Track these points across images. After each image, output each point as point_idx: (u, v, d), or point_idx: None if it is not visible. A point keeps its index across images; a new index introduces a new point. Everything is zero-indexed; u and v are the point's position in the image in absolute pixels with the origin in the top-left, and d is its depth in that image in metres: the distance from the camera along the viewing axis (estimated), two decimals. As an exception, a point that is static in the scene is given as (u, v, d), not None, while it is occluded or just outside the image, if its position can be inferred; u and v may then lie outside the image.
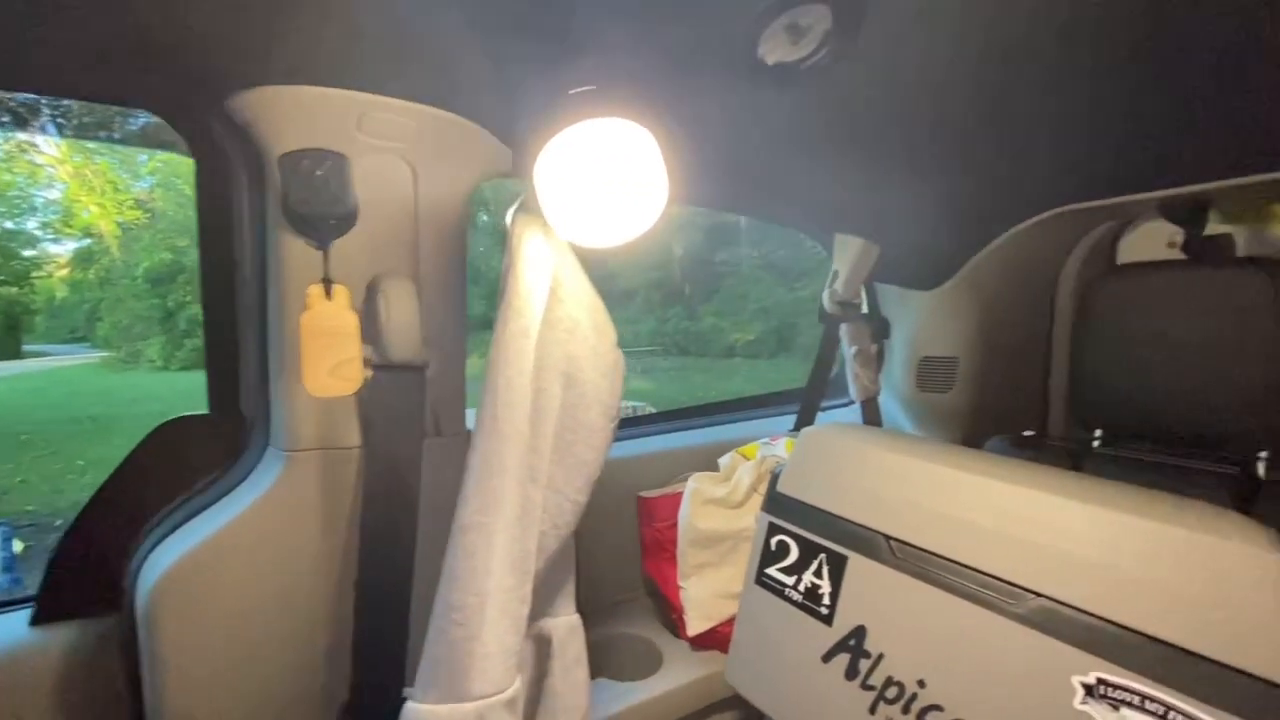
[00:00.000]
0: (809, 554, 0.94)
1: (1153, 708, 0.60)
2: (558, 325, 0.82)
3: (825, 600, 0.90)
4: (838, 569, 0.89)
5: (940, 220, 1.34)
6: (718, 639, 1.27)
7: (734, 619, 1.06)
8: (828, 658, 0.87)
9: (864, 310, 1.67)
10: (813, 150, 1.06)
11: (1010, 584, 0.72)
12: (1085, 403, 1.06)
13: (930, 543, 0.80)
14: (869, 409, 1.53)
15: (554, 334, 0.81)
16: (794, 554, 0.97)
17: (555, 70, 0.76)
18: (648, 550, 1.43)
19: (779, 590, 0.97)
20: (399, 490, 0.92)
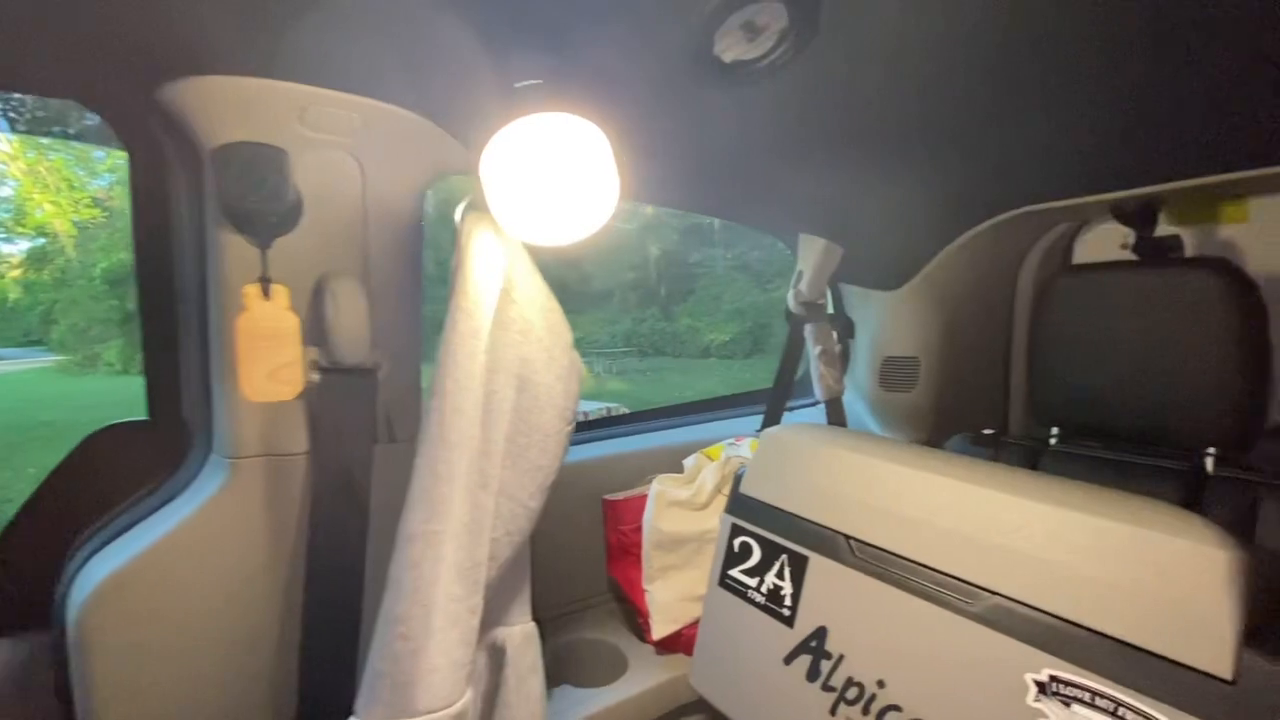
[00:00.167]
0: (771, 555, 0.93)
1: (1102, 704, 0.61)
2: (510, 326, 0.80)
3: (787, 602, 0.89)
4: (799, 570, 0.89)
5: (901, 221, 1.35)
6: (683, 642, 1.26)
7: (699, 622, 1.05)
8: (789, 659, 0.87)
9: (830, 310, 1.67)
10: (774, 151, 1.06)
11: (966, 583, 0.72)
12: (1042, 401, 1.08)
13: (889, 542, 0.80)
14: (833, 409, 1.54)
15: (506, 335, 0.79)
16: (756, 555, 0.96)
17: (506, 65, 0.74)
18: (613, 554, 1.41)
19: (742, 592, 0.96)
20: (349, 498, 0.90)
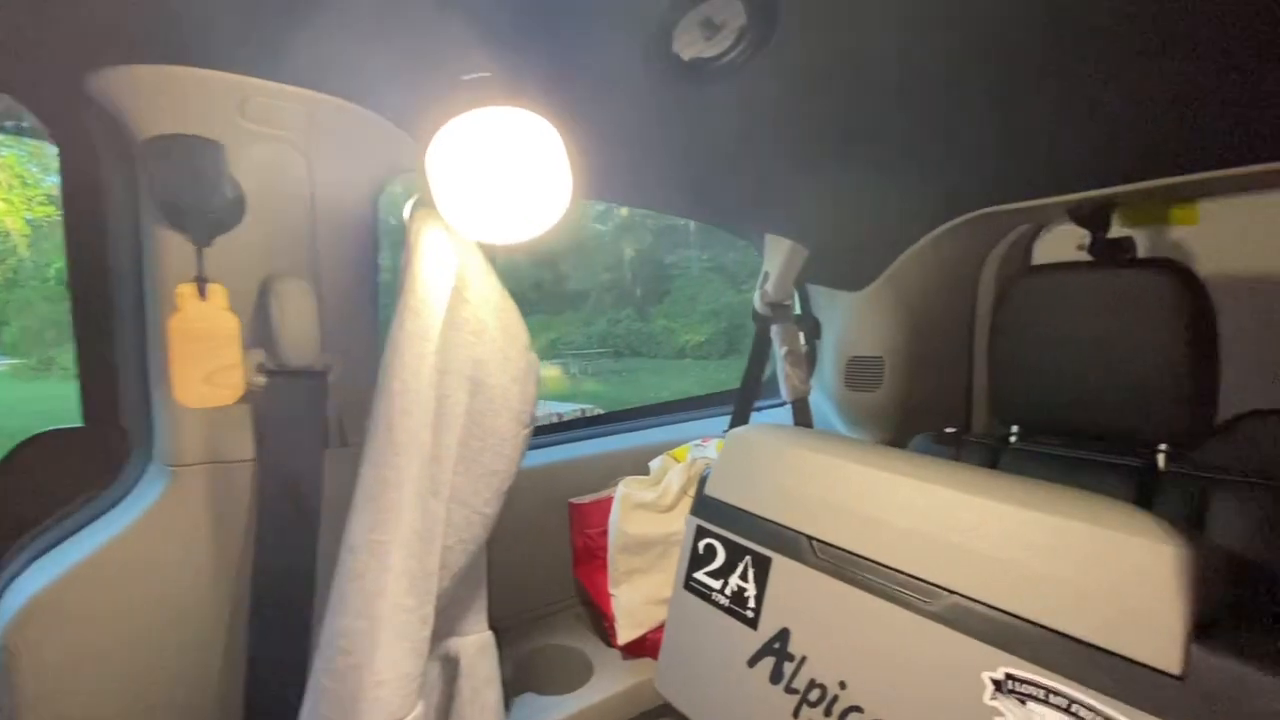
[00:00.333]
0: (735, 557, 0.92)
1: (1057, 701, 0.61)
2: (463, 327, 0.77)
3: (751, 604, 0.88)
4: (762, 571, 0.88)
5: (864, 222, 1.35)
6: (649, 647, 1.24)
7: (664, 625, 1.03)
8: (753, 662, 0.86)
9: (797, 311, 1.68)
10: (736, 150, 1.05)
11: (925, 582, 0.72)
12: (1002, 399, 1.09)
13: (850, 542, 0.79)
14: (799, 409, 1.54)
15: (459, 336, 0.77)
16: (721, 557, 0.95)
17: (457, 58, 0.72)
18: (579, 558, 1.39)
19: (706, 595, 0.95)
20: (297, 506, 0.86)
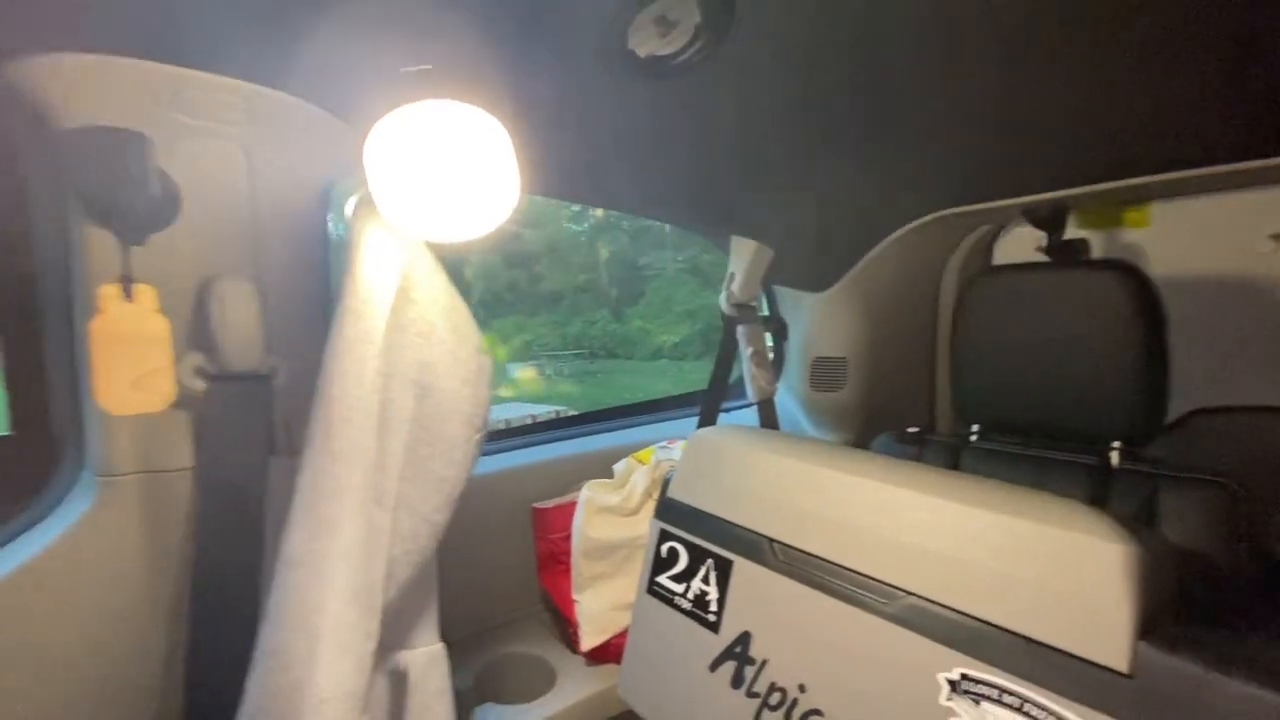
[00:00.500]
0: (697, 560, 0.91)
1: (1010, 700, 0.60)
2: (409, 329, 0.75)
3: (713, 607, 0.87)
4: (724, 574, 0.87)
5: (826, 224, 1.36)
6: (613, 652, 1.23)
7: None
8: (714, 666, 0.85)
9: (764, 312, 1.68)
10: (697, 151, 1.04)
11: (882, 583, 0.71)
12: (962, 399, 1.09)
13: (809, 544, 0.79)
14: (765, 410, 1.54)
15: (404, 339, 0.74)
16: (683, 561, 0.94)
17: (406, 51, 0.70)
18: (543, 563, 1.37)
19: (669, 599, 0.94)
20: (239, 516, 0.83)
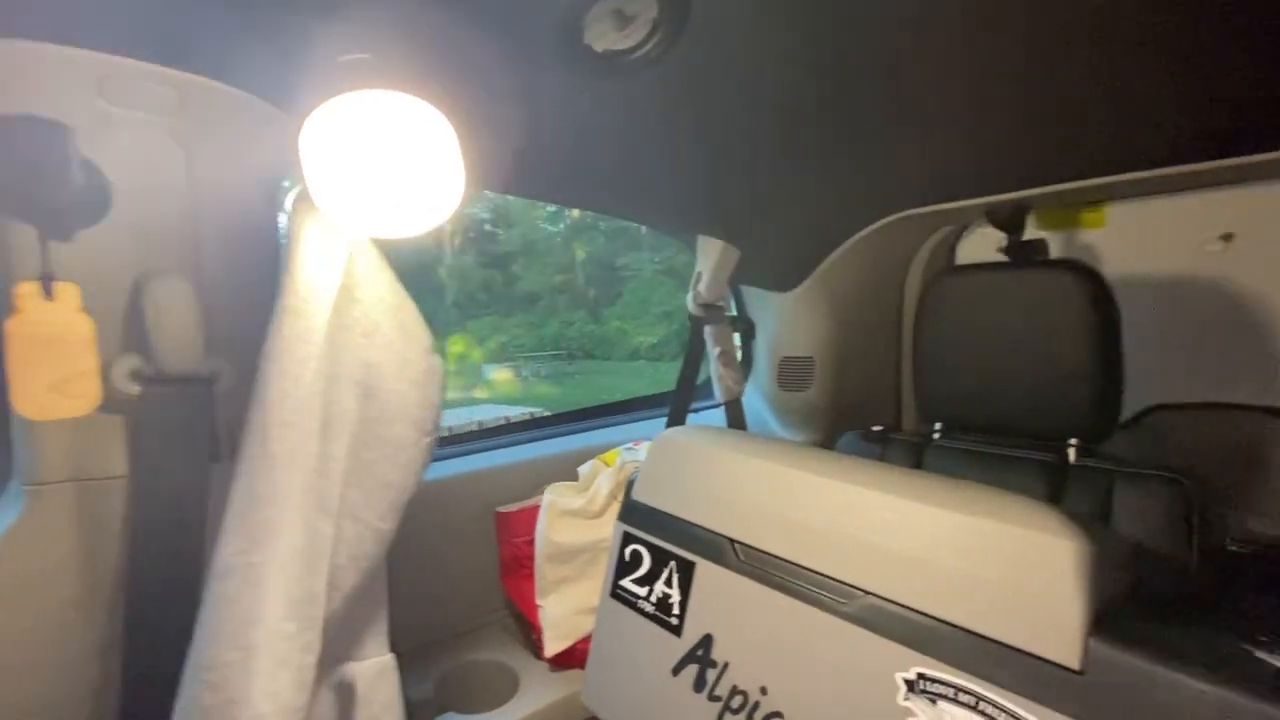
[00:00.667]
0: (660, 563, 0.90)
1: (965, 699, 0.60)
2: (353, 329, 0.72)
3: (675, 610, 0.86)
4: (686, 577, 0.86)
5: (792, 224, 1.36)
6: (578, 657, 1.21)
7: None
8: (677, 670, 0.84)
9: (732, 312, 1.67)
10: (659, 148, 1.03)
11: (841, 583, 0.71)
12: (924, 397, 1.10)
13: (770, 545, 0.78)
14: (733, 410, 1.53)
15: (348, 339, 0.71)
16: (646, 563, 0.93)
17: (349, 41, 0.67)
18: (506, 568, 1.34)
19: (632, 602, 0.93)
20: (179, 525, 0.79)
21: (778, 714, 0.73)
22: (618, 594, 0.95)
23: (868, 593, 0.68)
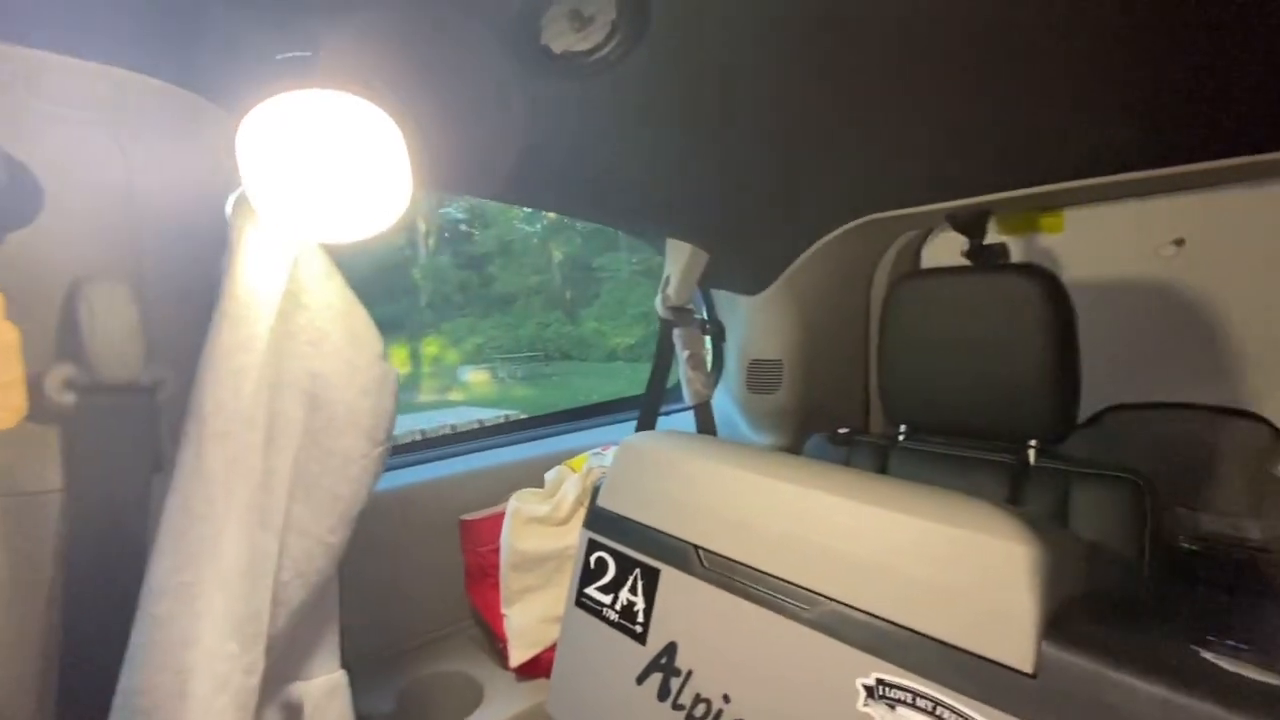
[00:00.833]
0: (625, 570, 0.89)
1: (922, 704, 0.60)
2: (298, 336, 0.69)
3: (640, 618, 0.85)
4: (651, 584, 0.85)
5: (759, 227, 1.36)
6: (543, 667, 1.19)
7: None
8: (641, 679, 0.83)
9: (702, 315, 1.67)
10: (627, 151, 1.02)
11: (803, 589, 0.70)
12: (889, 399, 1.11)
13: (734, 551, 0.77)
14: (702, 413, 1.53)
15: (293, 347, 0.69)
16: (612, 571, 0.91)
17: (294, 38, 0.64)
18: (472, 577, 1.32)
19: (597, 611, 0.91)
20: (118, 542, 0.75)
21: None
22: (582, 602, 0.94)
23: (829, 599, 0.68)
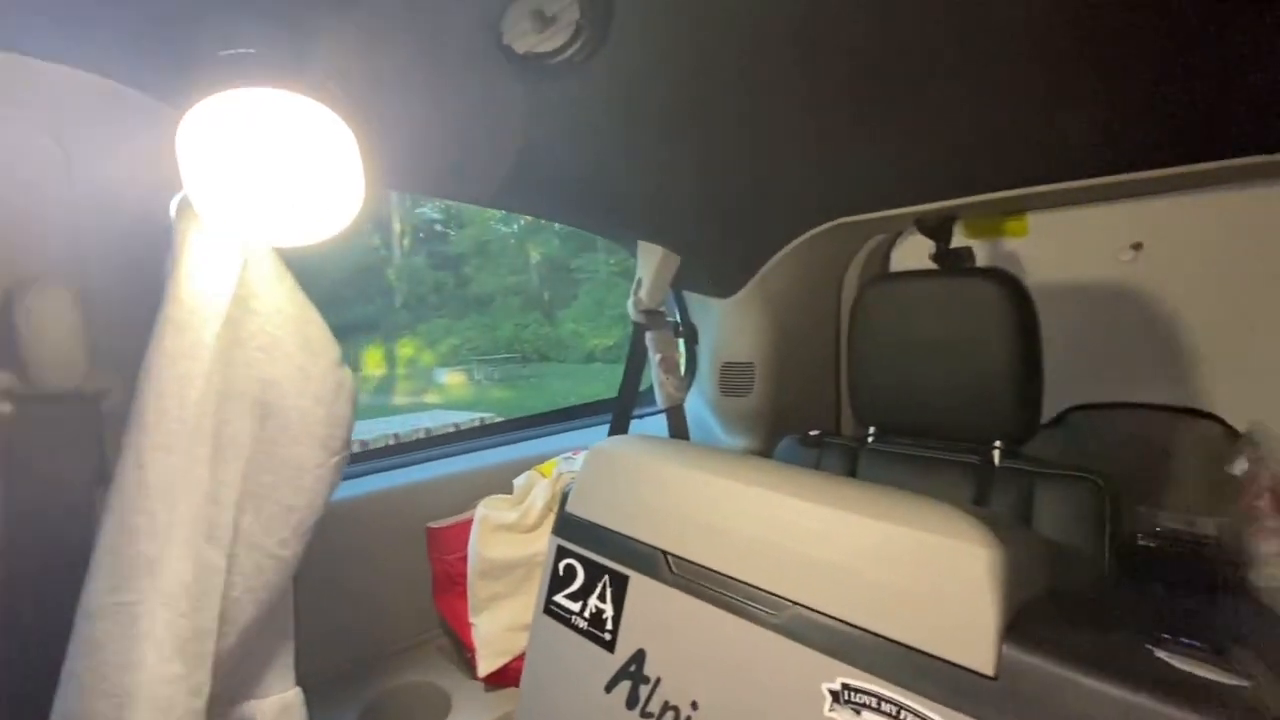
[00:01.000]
0: (594, 577, 0.88)
1: (887, 708, 0.60)
2: (248, 343, 0.67)
3: (608, 625, 0.84)
4: (620, 591, 0.84)
5: (729, 230, 1.35)
6: (512, 676, 1.17)
7: None
8: (610, 687, 0.82)
9: (674, 317, 1.67)
10: (595, 154, 1.01)
11: (769, 593, 0.70)
12: (858, 401, 1.11)
13: (702, 556, 0.76)
14: (674, 417, 1.52)
15: (243, 354, 0.66)
16: (580, 578, 0.90)
17: (243, 36, 0.62)
18: (439, 586, 1.29)
19: (566, 618, 0.90)
20: (57, 559, 0.72)
21: None
22: (551, 610, 0.93)
23: (795, 603, 0.68)
